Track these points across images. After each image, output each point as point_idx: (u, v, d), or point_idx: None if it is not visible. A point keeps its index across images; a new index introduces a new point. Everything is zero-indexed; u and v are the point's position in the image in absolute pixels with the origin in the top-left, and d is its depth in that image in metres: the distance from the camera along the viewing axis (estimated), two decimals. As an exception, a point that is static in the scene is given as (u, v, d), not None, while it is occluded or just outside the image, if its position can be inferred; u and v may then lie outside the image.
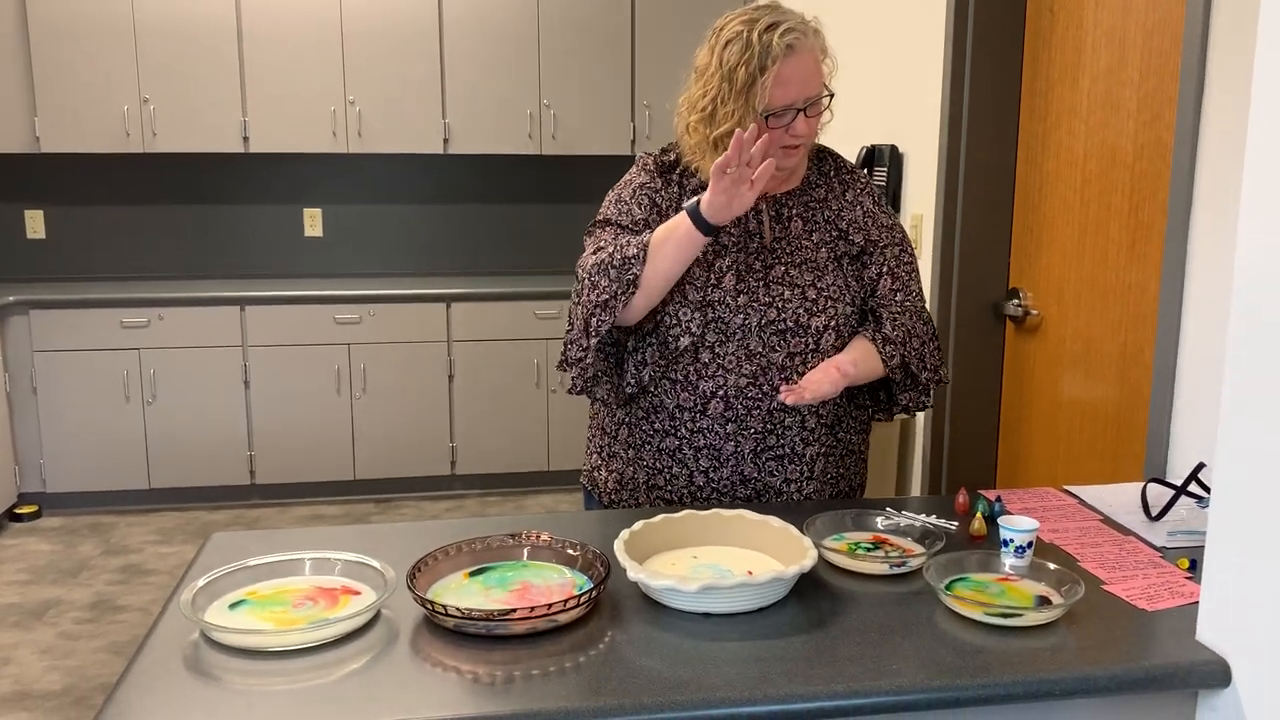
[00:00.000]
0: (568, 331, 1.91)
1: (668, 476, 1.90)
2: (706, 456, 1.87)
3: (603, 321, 1.78)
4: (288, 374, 4.73)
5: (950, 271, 2.98)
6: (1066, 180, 2.65)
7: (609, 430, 1.97)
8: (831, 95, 1.82)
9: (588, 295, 1.80)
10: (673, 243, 1.74)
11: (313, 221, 5.23)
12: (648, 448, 1.90)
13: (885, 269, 1.90)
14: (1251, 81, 1.32)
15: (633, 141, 5.03)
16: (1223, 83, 1.95)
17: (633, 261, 1.75)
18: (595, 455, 2.02)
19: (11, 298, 4.47)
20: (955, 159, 2.94)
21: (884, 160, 3.38)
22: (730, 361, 1.82)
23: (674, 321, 1.83)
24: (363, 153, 4.97)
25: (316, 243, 5.27)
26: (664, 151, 1.95)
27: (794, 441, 1.87)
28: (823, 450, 1.91)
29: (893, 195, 3.37)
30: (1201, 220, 2.01)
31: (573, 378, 1.87)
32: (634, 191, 1.90)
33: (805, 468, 1.89)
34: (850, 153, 3.64)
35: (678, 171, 1.91)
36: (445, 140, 4.95)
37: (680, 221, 1.73)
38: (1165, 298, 2.10)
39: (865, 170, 3.49)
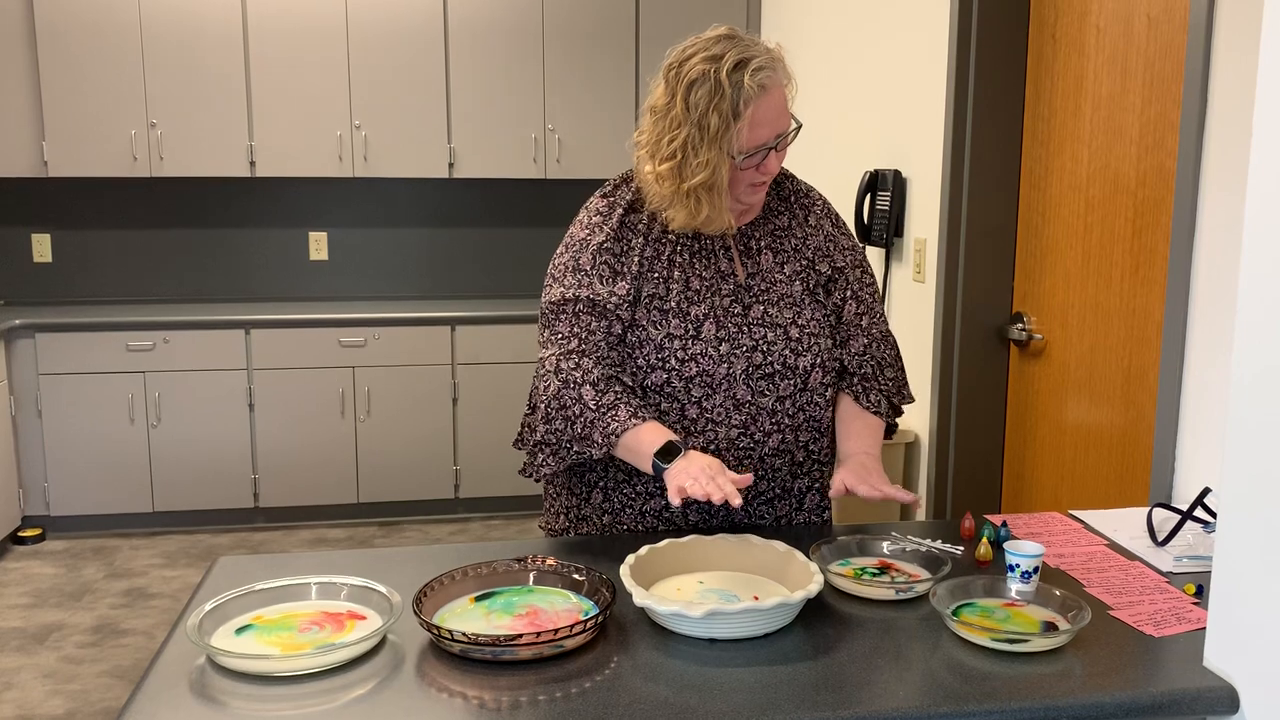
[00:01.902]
0: (529, 414, 1.83)
1: (655, 535, 1.82)
2: (695, 511, 1.80)
3: (545, 463, 1.76)
4: (292, 397, 4.73)
5: (954, 296, 2.99)
6: (1070, 205, 2.66)
7: (577, 493, 1.86)
8: (799, 126, 1.73)
9: (541, 423, 1.74)
10: (633, 461, 1.67)
11: (318, 245, 5.26)
12: (628, 511, 1.82)
13: (849, 293, 1.85)
14: (1254, 107, 1.33)
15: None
16: (1225, 109, 1.96)
17: (588, 443, 1.69)
18: (561, 516, 1.91)
19: (17, 321, 4.49)
20: (959, 184, 2.96)
21: (887, 185, 3.40)
22: (719, 414, 1.75)
23: (656, 387, 1.76)
24: (368, 177, 5.00)
25: (321, 266, 5.29)
26: (618, 188, 1.83)
27: (784, 479, 1.84)
28: (811, 483, 1.88)
29: (896, 220, 3.38)
30: (1205, 244, 2.02)
31: (526, 464, 1.81)
32: (593, 255, 1.76)
33: (795, 501, 1.86)
34: (854, 177, 3.66)
35: (640, 212, 1.78)
36: (450, 164, 4.97)
37: (643, 460, 1.64)
38: (1169, 322, 2.11)
39: (862, 195, 3.50)
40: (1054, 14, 2.73)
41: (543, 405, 1.74)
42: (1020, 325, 2.89)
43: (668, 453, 1.61)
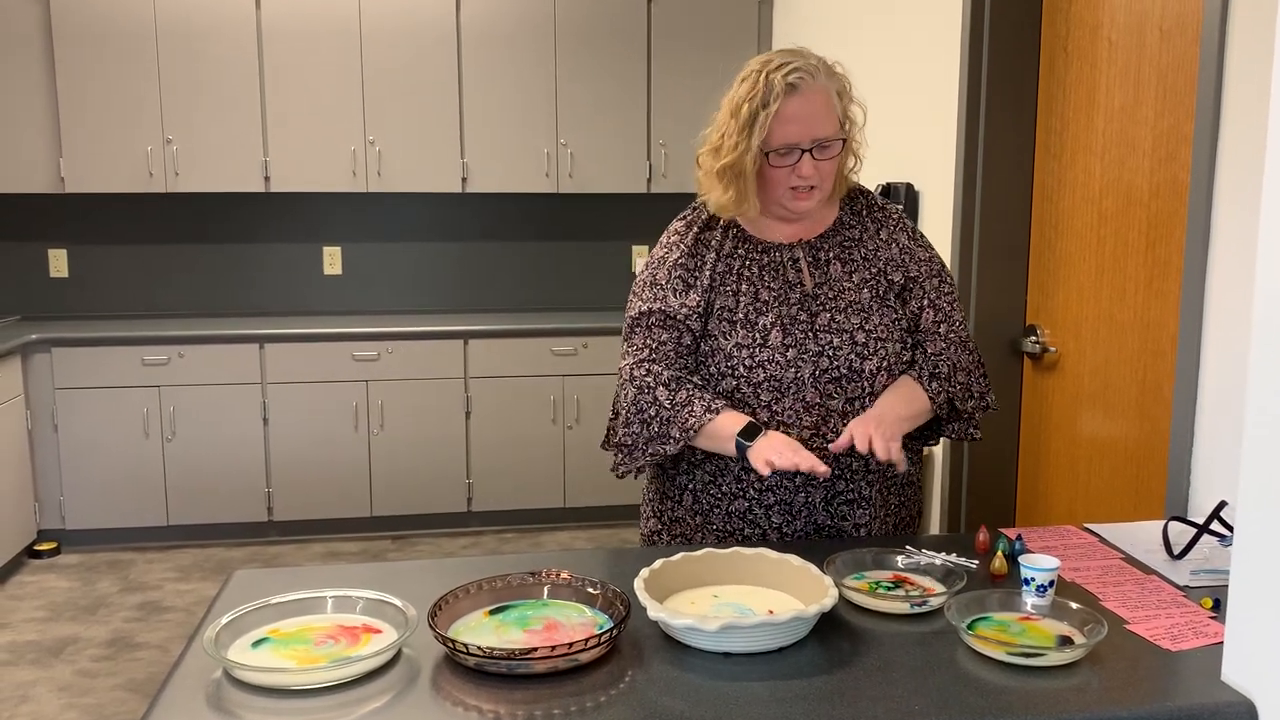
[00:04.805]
0: (612, 419, 1.93)
1: (740, 538, 1.88)
2: (779, 512, 1.86)
3: (622, 464, 1.86)
4: (306, 411, 4.75)
5: (967, 308, 2.99)
6: (1083, 218, 2.66)
7: (671, 496, 1.95)
8: (844, 140, 1.81)
9: (621, 428, 1.86)
10: (715, 448, 1.79)
11: (332, 259, 5.28)
12: (716, 512, 1.89)
13: (927, 301, 1.90)
14: (1268, 118, 1.33)
15: (648, 180, 5.07)
16: (1238, 121, 1.96)
17: (664, 440, 1.80)
18: (654, 520, 2.00)
19: (34, 335, 4.52)
20: (971, 196, 2.96)
21: (899, 198, 3.40)
22: (789, 417, 1.81)
23: (727, 393, 1.84)
24: (382, 192, 5.02)
25: (335, 280, 5.31)
26: (695, 210, 1.93)
27: (860, 485, 1.87)
28: (887, 487, 1.91)
29: (909, 233, 3.38)
30: (1219, 256, 2.02)
31: (618, 463, 1.91)
32: (669, 271, 1.88)
33: (874, 509, 1.89)
34: (866, 190, 3.65)
35: (714, 230, 1.89)
36: (463, 179, 4.99)
37: (726, 443, 1.75)
38: (1184, 334, 2.10)
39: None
40: (1066, 27, 2.73)
41: (622, 412, 1.86)
42: (1034, 338, 2.88)
43: (750, 433, 1.72)
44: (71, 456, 4.61)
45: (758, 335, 1.81)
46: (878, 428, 1.72)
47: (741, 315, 1.82)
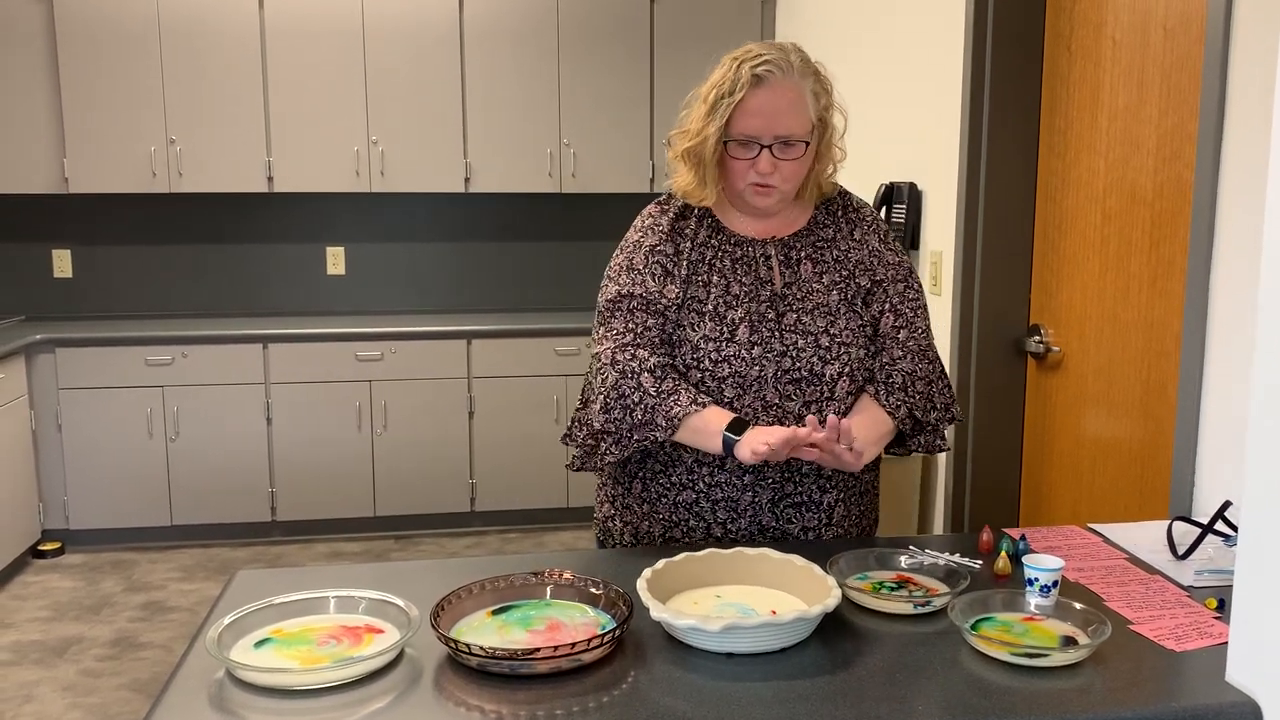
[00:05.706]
0: (580, 409, 1.91)
1: (685, 529, 1.87)
2: (724, 508, 1.84)
3: (610, 451, 1.82)
4: (309, 411, 4.75)
5: (970, 308, 2.98)
6: (1086, 217, 2.65)
7: (622, 482, 1.94)
8: (809, 143, 1.78)
9: (599, 414, 1.80)
10: (698, 442, 1.76)
11: (335, 259, 5.28)
12: (663, 501, 1.88)
13: (888, 305, 1.87)
14: (1272, 117, 1.32)
15: (651, 180, 5.07)
16: (1242, 119, 1.95)
17: (651, 428, 1.76)
18: (607, 505, 1.99)
19: (38, 336, 4.52)
20: (975, 196, 2.95)
21: (903, 198, 3.40)
22: (748, 414, 1.79)
23: (693, 384, 1.82)
24: (385, 192, 5.02)
25: (339, 280, 5.31)
26: (671, 197, 1.91)
27: (811, 489, 1.85)
28: (840, 495, 1.89)
29: (912, 232, 3.38)
30: (1223, 256, 2.01)
31: (575, 458, 1.91)
32: (646, 256, 1.85)
33: (823, 514, 1.88)
34: (869, 190, 3.65)
35: (688, 219, 1.87)
36: (466, 179, 5.00)
37: (712, 438, 1.72)
38: (1188, 334, 2.10)
39: (878, 208, 3.50)
40: (1069, 26, 2.72)
41: (601, 396, 1.81)
42: (1037, 338, 2.88)
43: (738, 428, 1.70)
44: (75, 457, 4.62)
45: (725, 329, 1.80)
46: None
47: (710, 307, 1.81)
